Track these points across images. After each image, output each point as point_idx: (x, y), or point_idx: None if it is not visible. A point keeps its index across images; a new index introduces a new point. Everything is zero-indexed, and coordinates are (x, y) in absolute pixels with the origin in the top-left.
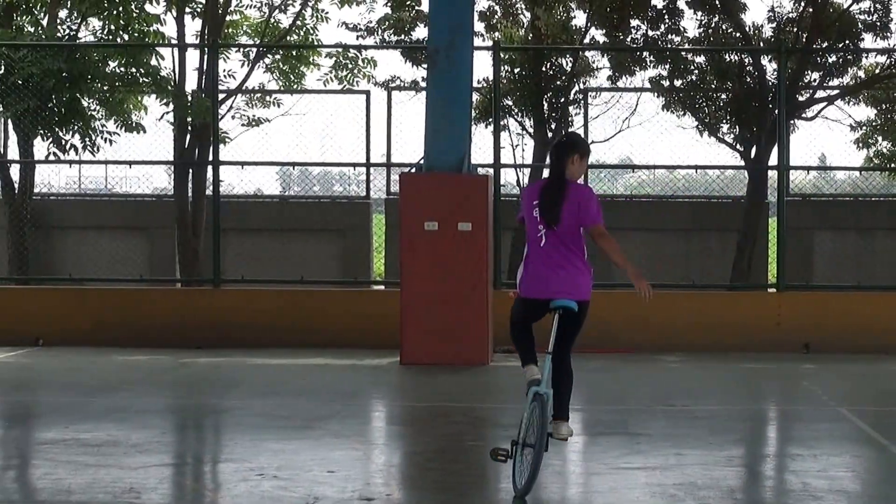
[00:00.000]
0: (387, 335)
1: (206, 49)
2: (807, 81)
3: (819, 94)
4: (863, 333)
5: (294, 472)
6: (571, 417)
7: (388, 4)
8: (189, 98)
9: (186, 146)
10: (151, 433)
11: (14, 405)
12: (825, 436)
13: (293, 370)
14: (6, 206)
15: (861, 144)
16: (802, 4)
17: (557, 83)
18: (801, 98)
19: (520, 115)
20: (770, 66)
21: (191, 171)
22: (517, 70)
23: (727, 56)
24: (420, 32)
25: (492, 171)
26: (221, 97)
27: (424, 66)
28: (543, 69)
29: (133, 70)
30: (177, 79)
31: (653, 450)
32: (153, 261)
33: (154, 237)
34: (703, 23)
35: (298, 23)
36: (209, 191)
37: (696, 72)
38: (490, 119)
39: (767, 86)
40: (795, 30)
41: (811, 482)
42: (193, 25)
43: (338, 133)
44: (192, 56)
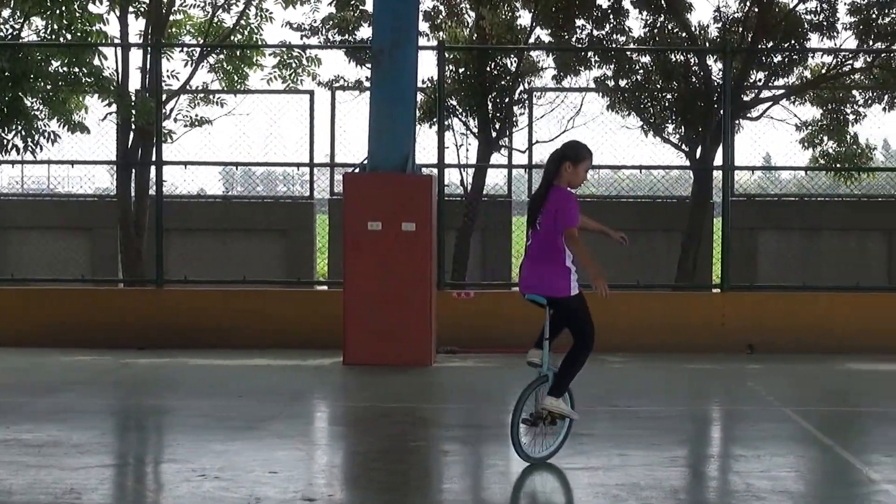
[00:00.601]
0: (330, 335)
1: (150, 49)
2: (752, 81)
3: (764, 94)
4: (807, 334)
5: (236, 473)
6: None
7: (333, 4)
8: (132, 98)
9: (129, 146)
10: (93, 434)
11: None
12: (769, 436)
13: (236, 371)
14: None
15: (806, 144)
16: (748, 4)
17: (502, 83)
18: (747, 98)
19: (464, 115)
20: (715, 66)
21: (134, 171)
22: (462, 70)
23: (672, 56)
24: (364, 32)
25: (436, 171)
26: (165, 97)
27: (368, 66)
28: (488, 69)
29: (76, 70)
30: (120, 79)
31: (596, 450)
32: (95, 261)
33: (96, 237)
34: (649, 22)
35: (242, 22)
36: (152, 191)
37: (642, 72)
38: (434, 119)
39: (713, 86)
40: (741, 30)
41: (754, 483)
42: (137, 25)
43: (281, 133)
44: (136, 56)
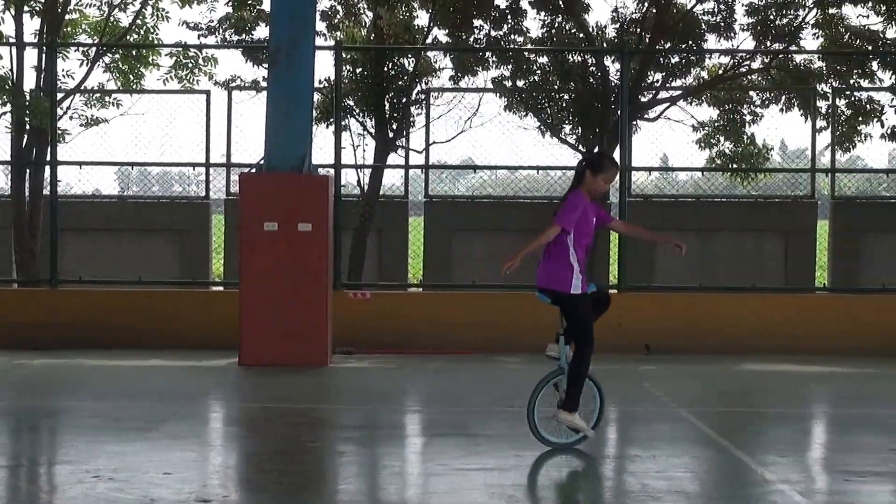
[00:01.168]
0: (226, 336)
1: (45, 48)
2: (650, 82)
3: (662, 95)
4: (704, 334)
5: (130, 474)
6: (425, 420)
7: (229, 4)
8: (27, 98)
9: (24, 146)
10: None
11: None
12: (665, 437)
13: (131, 371)
14: None
15: (703, 145)
16: (646, 5)
17: (399, 83)
18: (644, 99)
19: (361, 116)
20: (613, 67)
21: (28, 171)
22: (359, 70)
23: (570, 56)
24: (261, 32)
25: (332, 172)
26: (60, 97)
27: (265, 66)
28: (385, 69)
29: None
30: (15, 78)
31: (492, 450)
32: None
33: None
34: (547, 23)
35: (139, 22)
36: (47, 191)
37: (539, 72)
38: (331, 119)
39: (610, 86)
40: (639, 30)
41: (650, 483)
42: (32, 24)
43: (178, 133)
44: (31, 55)
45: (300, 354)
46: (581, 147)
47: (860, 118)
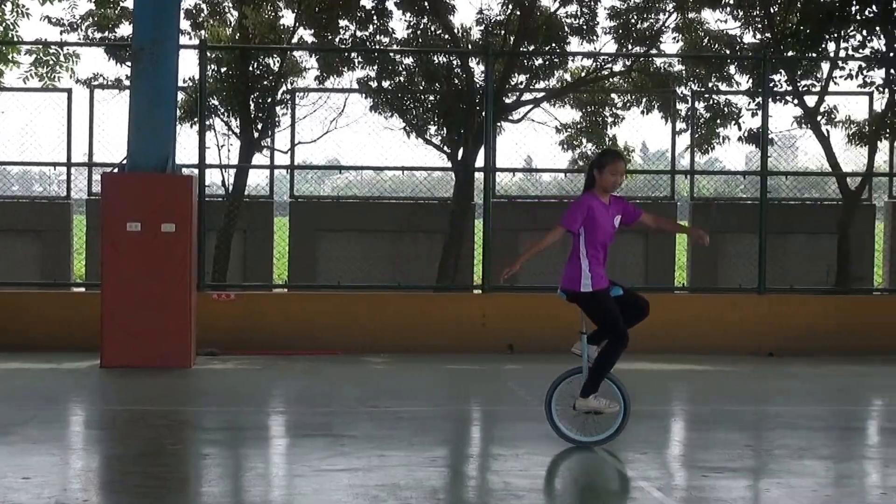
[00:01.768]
0: (87, 338)
1: None
2: (514, 84)
3: (526, 97)
4: (566, 334)
5: None
6: (290, 421)
7: (92, 0)
8: None
9: None
10: None
11: None
12: (527, 436)
13: None
14: None
15: (566, 146)
16: (510, 7)
17: (264, 83)
18: (509, 100)
19: (226, 115)
20: (478, 69)
21: None
22: (224, 69)
23: (435, 58)
24: (125, 30)
25: (196, 172)
26: None
27: (129, 64)
28: (250, 69)
29: None
30: None
31: (356, 451)
32: None
33: None
34: (412, 24)
35: None
36: None
37: (405, 73)
38: (195, 118)
39: (475, 88)
40: (503, 32)
41: (513, 481)
42: None
43: (38, 132)
44: None
45: (163, 356)
46: (446, 148)
47: (718, 121)
